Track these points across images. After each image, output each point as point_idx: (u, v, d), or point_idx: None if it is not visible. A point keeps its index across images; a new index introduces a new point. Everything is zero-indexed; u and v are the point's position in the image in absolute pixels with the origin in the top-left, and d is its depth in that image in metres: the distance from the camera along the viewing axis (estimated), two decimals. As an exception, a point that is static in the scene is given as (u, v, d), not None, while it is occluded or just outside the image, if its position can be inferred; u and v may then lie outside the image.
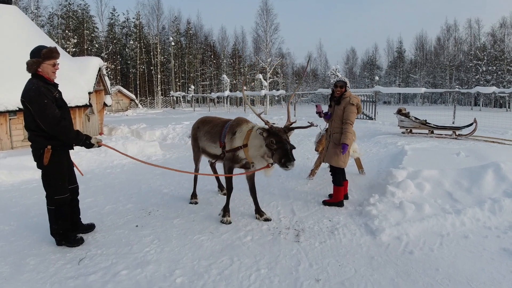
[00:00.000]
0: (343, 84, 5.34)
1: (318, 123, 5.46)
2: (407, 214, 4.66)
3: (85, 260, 3.77)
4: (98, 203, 5.63)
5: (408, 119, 12.38)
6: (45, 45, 3.96)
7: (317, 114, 5.84)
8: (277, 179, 6.95)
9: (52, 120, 3.73)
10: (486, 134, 12.08)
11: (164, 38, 57.05)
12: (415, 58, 67.05)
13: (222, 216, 4.82)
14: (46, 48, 3.87)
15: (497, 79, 47.70)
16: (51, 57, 3.88)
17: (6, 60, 10.24)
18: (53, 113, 3.75)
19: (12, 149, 9.96)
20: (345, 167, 5.39)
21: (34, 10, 46.40)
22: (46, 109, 3.71)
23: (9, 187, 6.68)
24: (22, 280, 3.38)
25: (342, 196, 5.39)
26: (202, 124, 5.62)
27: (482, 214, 4.61)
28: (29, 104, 3.72)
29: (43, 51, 3.83)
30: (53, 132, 3.78)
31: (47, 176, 3.98)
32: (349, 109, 5.18)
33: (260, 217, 4.89)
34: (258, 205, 5.00)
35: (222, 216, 4.83)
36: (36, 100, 3.70)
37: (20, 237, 4.38)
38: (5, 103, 9.46)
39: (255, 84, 54.22)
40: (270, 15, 46.99)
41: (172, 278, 3.40)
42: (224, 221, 4.74)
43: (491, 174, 5.41)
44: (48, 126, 3.74)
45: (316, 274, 3.46)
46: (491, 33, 53.87)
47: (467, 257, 3.73)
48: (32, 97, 3.71)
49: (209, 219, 4.90)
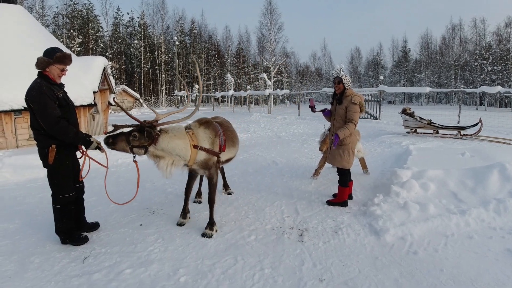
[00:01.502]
0: (339, 80, 5.24)
1: (323, 122, 5.43)
2: (411, 214, 4.64)
3: (90, 259, 3.79)
4: (103, 201, 5.65)
5: (413, 118, 12.33)
6: (61, 50, 4.01)
7: (309, 109, 5.82)
8: (281, 178, 6.95)
9: (51, 119, 3.76)
10: (491, 134, 12.01)
11: (168, 37, 57.17)
12: (420, 58, 66.73)
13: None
14: (61, 52, 3.93)
15: (503, 78, 47.45)
16: (62, 62, 3.93)
17: (11, 59, 10.31)
18: (52, 112, 3.77)
19: (17, 147, 10.03)
20: (349, 168, 5.35)
21: (39, 9, 46.60)
22: (46, 108, 3.74)
23: (14, 185, 6.72)
24: (26, 278, 3.40)
25: (347, 196, 5.37)
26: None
27: (487, 215, 4.58)
28: (31, 103, 3.76)
29: (57, 54, 3.88)
30: (51, 131, 3.80)
31: (52, 175, 4.00)
32: (352, 108, 5.10)
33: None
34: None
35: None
36: (37, 99, 3.74)
37: (24, 235, 4.40)
38: (10, 102, 9.53)
39: (259, 83, 54.24)
40: (275, 14, 47.16)
41: (176, 277, 3.41)
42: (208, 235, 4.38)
43: (496, 175, 5.38)
44: (47, 125, 3.77)
45: (319, 274, 3.46)
46: (496, 32, 53.66)
47: (471, 258, 3.71)
48: (33, 96, 3.75)
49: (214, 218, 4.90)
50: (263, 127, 16.53)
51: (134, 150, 4.05)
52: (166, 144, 4.08)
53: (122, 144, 4.03)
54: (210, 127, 4.55)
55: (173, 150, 4.11)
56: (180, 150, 4.14)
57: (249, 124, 17.69)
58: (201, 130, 4.45)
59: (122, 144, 4.03)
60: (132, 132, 4.00)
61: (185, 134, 4.26)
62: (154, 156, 4.13)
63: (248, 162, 8.66)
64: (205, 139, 4.39)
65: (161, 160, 4.14)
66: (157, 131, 4.11)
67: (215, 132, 4.53)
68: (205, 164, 4.41)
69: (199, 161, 4.35)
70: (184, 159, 4.22)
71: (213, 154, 4.42)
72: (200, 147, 4.28)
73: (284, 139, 12.73)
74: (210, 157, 4.42)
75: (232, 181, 6.75)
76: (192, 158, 4.25)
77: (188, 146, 4.19)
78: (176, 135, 4.17)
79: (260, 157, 9.28)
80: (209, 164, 4.44)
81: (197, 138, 4.33)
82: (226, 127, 5.07)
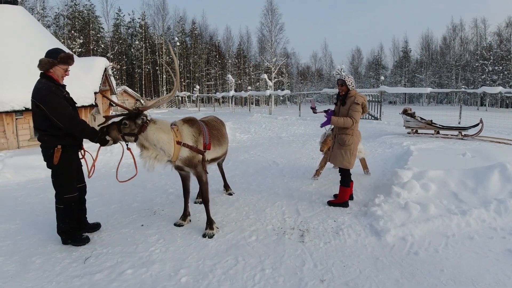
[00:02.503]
0: (342, 82, 5.27)
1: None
2: (412, 214, 4.65)
3: (91, 259, 3.80)
4: (104, 202, 5.66)
5: (414, 119, 12.32)
6: (64, 50, 4.06)
7: (311, 110, 5.84)
8: (282, 179, 6.95)
9: (68, 116, 3.81)
10: (492, 134, 12.00)
11: (169, 38, 57.22)
12: (421, 58, 66.71)
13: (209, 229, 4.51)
14: (65, 53, 3.98)
15: (504, 79, 47.40)
16: (66, 62, 3.98)
17: (12, 60, 10.32)
18: (68, 110, 3.85)
19: (18, 148, 10.04)
20: (351, 168, 5.35)
21: (40, 10, 46.66)
22: (61, 106, 3.80)
23: (15, 186, 6.73)
24: (28, 279, 3.41)
25: (348, 196, 5.38)
26: None
27: (487, 215, 4.58)
28: (41, 104, 3.75)
29: (61, 55, 3.92)
30: (70, 127, 3.85)
31: (56, 175, 4.02)
32: (354, 107, 5.12)
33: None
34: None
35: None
36: (49, 99, 3.76)
37: (26, 235, 4.41)
38: (11, 103, 9.54)
39: (260, 84, 54.25)
40: (275, 15, 47.16)
41: (177, 277, 3.42)
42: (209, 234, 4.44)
43: (497, 175, 5.37)
44: (65, 123, 3.80)
45: (320, 274, 3.46)
46: (497, 32, 53.58)
47: (472, 258, 3.71)
48: (44, 96, 3.76)
49: (214, 219, 4.91)
50: (264, 127, 16.52)
51: (126, 138, 4.13)
52: (152, 134, 4.14)
53: (114, 132, 4.10)
54: (195, 125, 4.61)
55: (157, 142, 4.16)
56: (164, 144, 4.19)
57: (250, 124, 17.69)
58: (185, 128, 4.50)
59: (114, 133, 4.10)
60: (123, 120, 4.08)
61: (170, 129, 4.31)
62: (141, 146, 4.21)
63: (249, 162, 8.67)
64: (188, 137, 4.43)
65: (145, 151, 4.20)
66: (147, 119, 4.18)
67: (199, 131, 4.57)
68: (189, 162, 4.44)
69: (183, 158, 4.38)
70: (168, 155, 4.26)
71: (197, 152, 4.44)
72: (183, 144, 4.32)
73: (285, 139, 12.73)
74: (194, 155, 4.44)
75: (233, 181, 6.76)
76: (176, 154, 4.29)
77: (171, 141, 4.25)
78: (161, 128, 4.23)
79: (261, 157, 9.29)
80: (194, 162, 4.46)
81: (181, 135, 4.38)
82: (212, 125, 5.13)
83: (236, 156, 9.35)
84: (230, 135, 12.90)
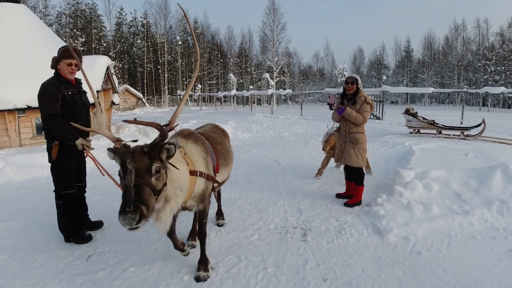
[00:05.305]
0: (354, 80, 5.30)
1: (326, 122, 5.43)
2: (414, 214, 4.64)
3: (93, 257, 3.81)
4: (106, 200, 5.67)
5: (416, 119, 12.31)
6: (67, 46, 4.10)
7: (328, 106, 5.88)
8: (284, 178, 6.95)
9: (45, 116, 3.89)
10: (494, 134, 11.97)
11: (171, 37, 57.23)
12: (423, 58, 66.58)
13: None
14: (62, 47, 4.05)
15: (506, 79, 47.31)
16: (65, 56, 4.00)
17: (14, 58, 10.33)
18: (48, 109, 3.87)
19: (20, 146, 10.06)
20: (364, 166, 5.44)
21: (42, 9, 46.80)
22: (44, 105, 3.89)
23: (18, 184, 6.75)
24: (30, 276, 3.42)
25: (361, 195, 5.45)
26: None
27: (490, 215, 4.57)
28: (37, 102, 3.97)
29: (59, 50, 4.02)
30: (45, 128, 3.97)
31: (54, 170, 4.09)
32: (365, 107, 5.22)
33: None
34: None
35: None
36: (39, 98, 3.94)
37: (28, 233, 4.42)
38: (14, 101, 9.56)
39: (261, 83, 54.22)
40: (277, 14, 47.04)
41: (180, 275, 3.42)
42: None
43: (500, 175, 5.36)
44: (43, 122, 3.93)
45: (323, 273, 3.46)
46: (499, 32, 53.49)
47: (474, 258, 3.70)
48: (38, 95, 3.94)
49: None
50: (265, 127, 16.51)
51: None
52: (175, 172, 2.79)
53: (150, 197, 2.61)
54: (199, 141, 3.37)
55: (179, 181, 2.85)
56: (184, 181, 2.90)
57: (251, 124, 17.68)
58: (193, 148, 3.22)
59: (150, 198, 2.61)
60: (153, 165, 2.53)
61: (180, 154, 2.97)
62: (164, 200, 2.76)
63: (251, 162, 8.67)
64: (200, 160, 3.19)
65: (162, 210, 2.75)
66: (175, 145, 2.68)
67: (206, 149, 3.38)
68: (202, 197, 3.22)
69: (197, 193, 3.13)
70: (183, 196, 2.95)
71: (212, 180, 3.29)
72: (199, 173, 3.07)
73: (286, 139, 12.73)
74: (208, 186, 3.27)
75: (235, 180, 6.76)
76: (190, 190, 3.00)
77: (187, 173, 2.96)
78: (175, 156, 2.74)
79: (263, 157, 9.29)
80: (206, 194, 3.29)
81: (191, 160, 3.08)
82: (214, 138, 3.91)
83: (238, 155, 9.34)
84: (232, 134, 12.90)
